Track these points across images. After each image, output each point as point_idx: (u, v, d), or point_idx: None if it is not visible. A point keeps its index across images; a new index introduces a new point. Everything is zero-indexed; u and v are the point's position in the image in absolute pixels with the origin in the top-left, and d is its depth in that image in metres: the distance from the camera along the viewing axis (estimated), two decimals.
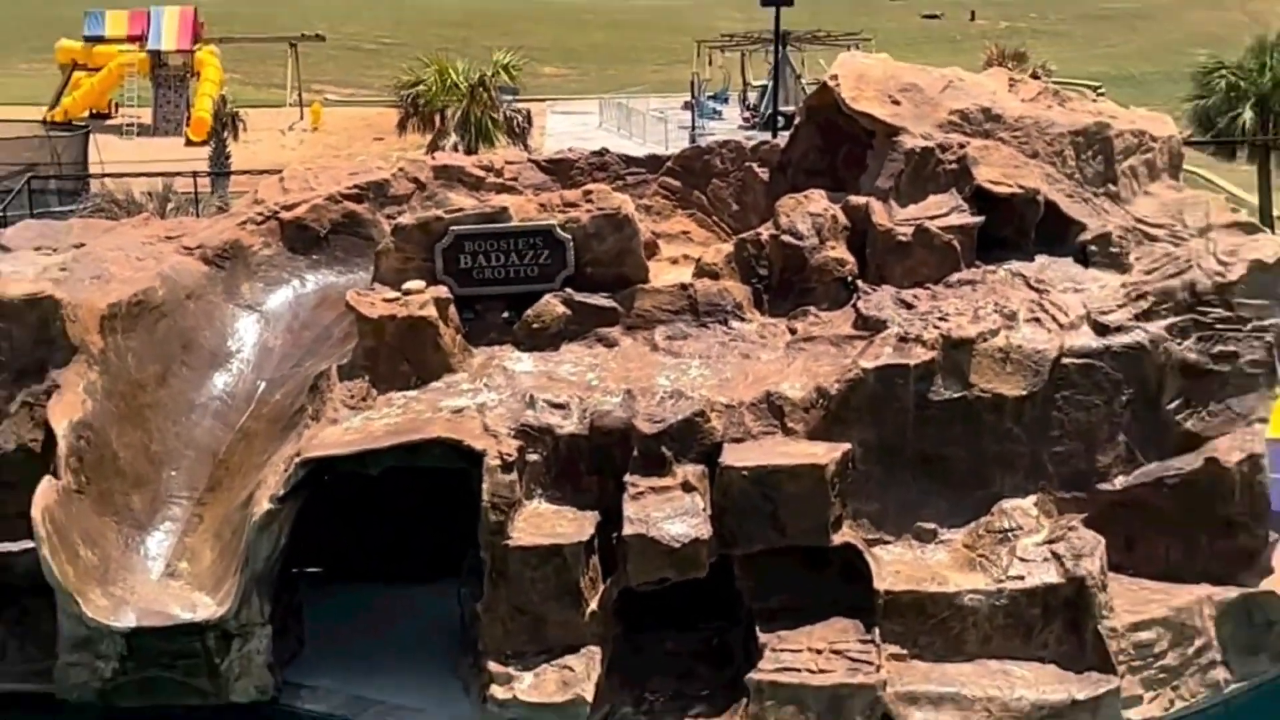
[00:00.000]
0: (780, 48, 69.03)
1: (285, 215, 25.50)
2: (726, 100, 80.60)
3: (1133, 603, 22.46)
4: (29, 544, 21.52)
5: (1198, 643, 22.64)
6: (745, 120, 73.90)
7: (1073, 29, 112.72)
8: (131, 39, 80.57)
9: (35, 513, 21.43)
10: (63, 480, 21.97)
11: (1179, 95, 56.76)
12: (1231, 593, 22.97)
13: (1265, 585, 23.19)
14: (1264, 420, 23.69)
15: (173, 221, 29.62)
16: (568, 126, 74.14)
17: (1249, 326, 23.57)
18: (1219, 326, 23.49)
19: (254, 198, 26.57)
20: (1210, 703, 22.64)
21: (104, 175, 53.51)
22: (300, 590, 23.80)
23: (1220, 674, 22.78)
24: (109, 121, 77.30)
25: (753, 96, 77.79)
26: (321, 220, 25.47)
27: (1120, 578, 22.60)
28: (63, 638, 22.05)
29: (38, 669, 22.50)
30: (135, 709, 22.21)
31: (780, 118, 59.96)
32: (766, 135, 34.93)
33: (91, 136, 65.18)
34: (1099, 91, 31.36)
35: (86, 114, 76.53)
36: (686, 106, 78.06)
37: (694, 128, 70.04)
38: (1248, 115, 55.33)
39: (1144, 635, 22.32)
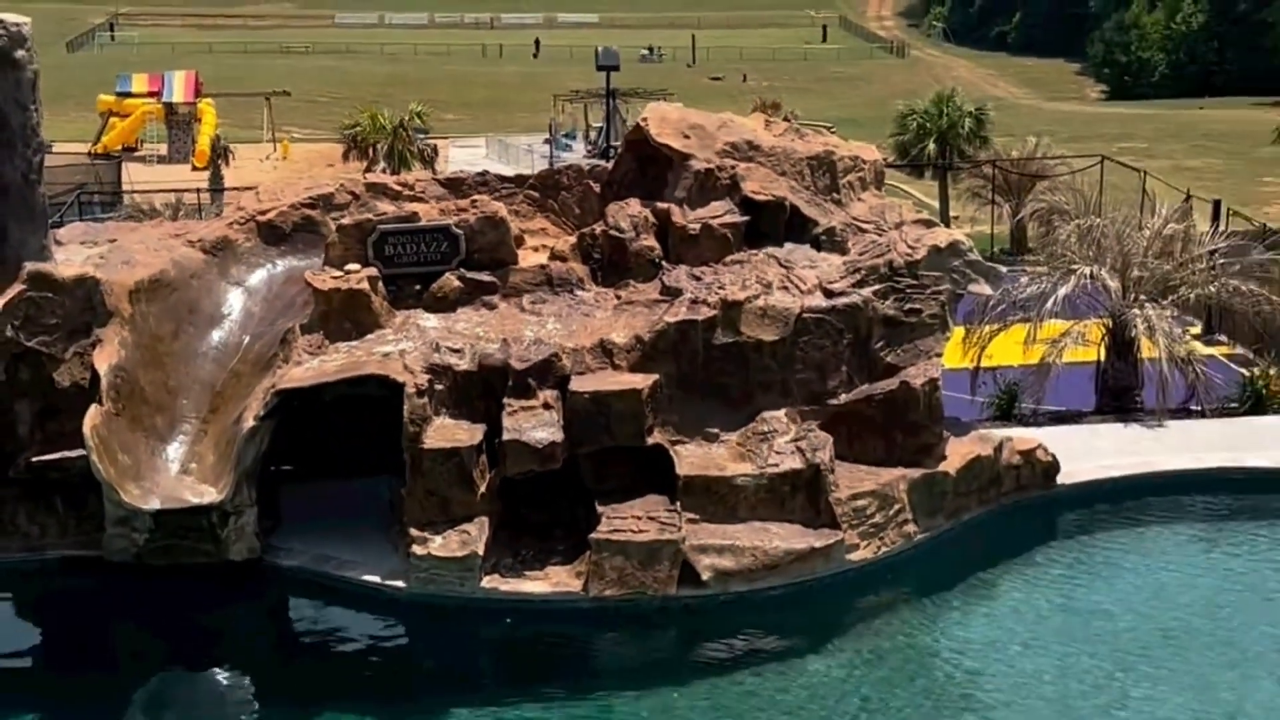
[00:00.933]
0: (611, 100, 69.03)
1: (261, 218, 25.20)
2: (575, 137, 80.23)
3: (851, 481, 22.75)
4: (83, 451, 21.34)
5: (896, 507, 22.95)
6: (588, 151, 73.57)
7: (814, 86, 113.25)
8: (151, 94, 79.75)
9: (86, 429, 21.30)
10: (105, 407, 21.77)
11: (886, 132, 57.15)
12: (918, 473, 23.31)
13: (940, 468, 23.57)
14: (940, 355, 24.05)
15: (181, 223, 29.27)
16: (463, 156, 73.68)
17: (929, 291, 23.90)
18: (909, 291, 23.79)
19: (238, 206, 26.32)
20: (904, 548, 22.95)
21: (132, 191, 53.08)
22: (278, 482, 23.68)
23: (911, 528, 23.11)
24: (136, 153, 76.33)
25: (593, 134, 77.58)
26: (286, 222, 25.18)
27: (843, 464, 22.87)
28: (108, 517, 21.91)
29: (90, 540, 22.35)
30: (160, 566, 22.04)
31: (611, 149, 59.95)
32: (602, 161, 34.95)
33: (123, 164, 64.66)
34: (831, 129, 31.68)
35: (120, 148, 75.61)
36: (546, 142, 77.77)
37: (552, 157, 69.76)
38: (931, 146, 56.14)
39: (860, 503, 22.59)
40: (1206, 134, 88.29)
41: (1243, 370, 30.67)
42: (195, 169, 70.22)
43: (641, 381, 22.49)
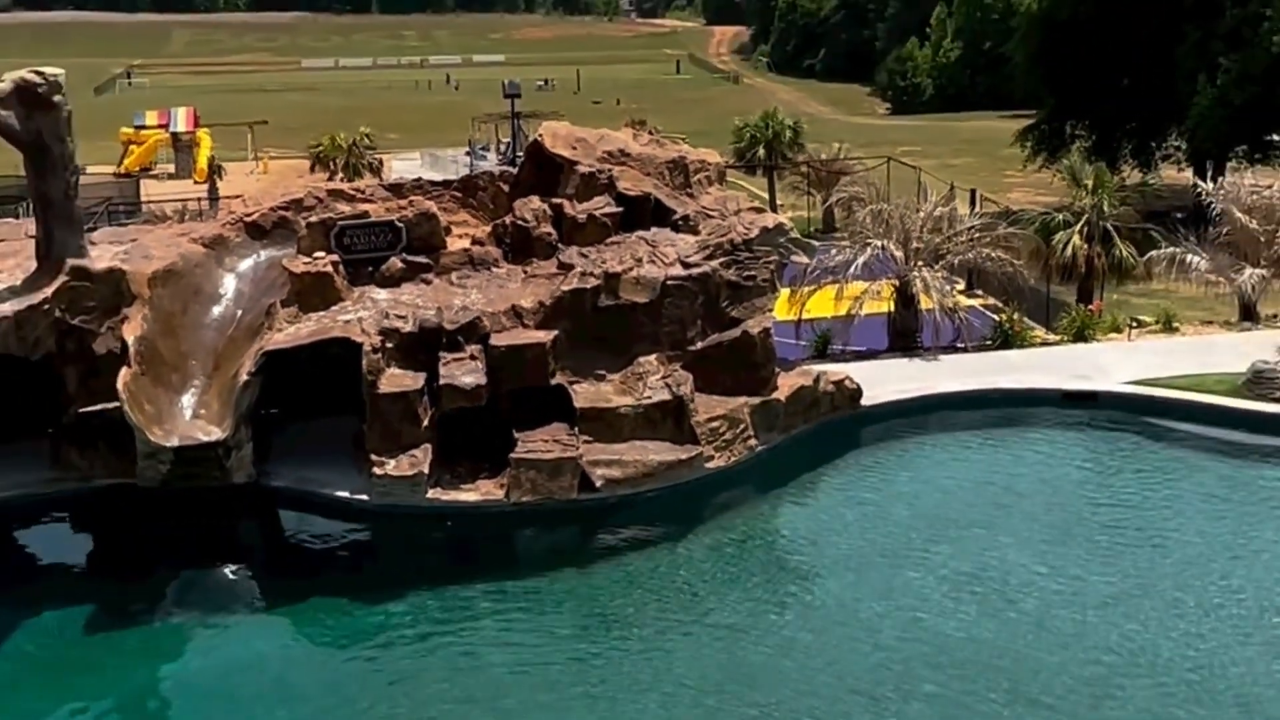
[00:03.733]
0: (515, 120, 68.64)
1: (247, 219, 24.72)
2: (489, 149, 79.53)
3: (707, 407, 22.70)
4: (118, 403, 20.88)
5: (741, 426, 22.93)
6: (499, 160, 72.91)
7: (670, 107, 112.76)
8: (160, 126, 78.04)
9: (119, 386, 20.87)
10: (133, 368, 21.33)
11: (726, 141, 57.01)
12: (757, 400, 23.28)
13: (774, 396, 23.55)
14: (771, 310, 24.05)
15: (186, 225, 28.81)
16: (402, 166, 72.27)
17: (761, 261, 23.83)
18: (746, 261, 23.70)
19: (230, 210, 25.90)
20: (748, 458, 22.93)
21: (149, 202, 52.24)
22: (268, 422, 23.15)
23: (753, 442, 23.07)
24: (150, 173, 74.77)
25: (503, 147, 76.94)
26: (267, 221, 24.69)
27: (701, 395, 22.77)
28: (139, 453, 21.32)
29: (126, 471, 21.66)
30: (181, 488, 21.45)
31: (516, 158, 59.55)
32: (510, 168, 34.79)
33: (141, 181, 63.86)
34: (684, 140, 31.64)
35: (138, 169, 74.05)
36: (467, 154, 77.13)
37: (471, 165, 69.15)
38: (761, 151, 56.35)
39: (714, 424, 22.57)
40: (965, 139, 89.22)
41: (995, 316, 31.09)
42: (196, 183, 68.75)
43: (545, 336, 22.34)
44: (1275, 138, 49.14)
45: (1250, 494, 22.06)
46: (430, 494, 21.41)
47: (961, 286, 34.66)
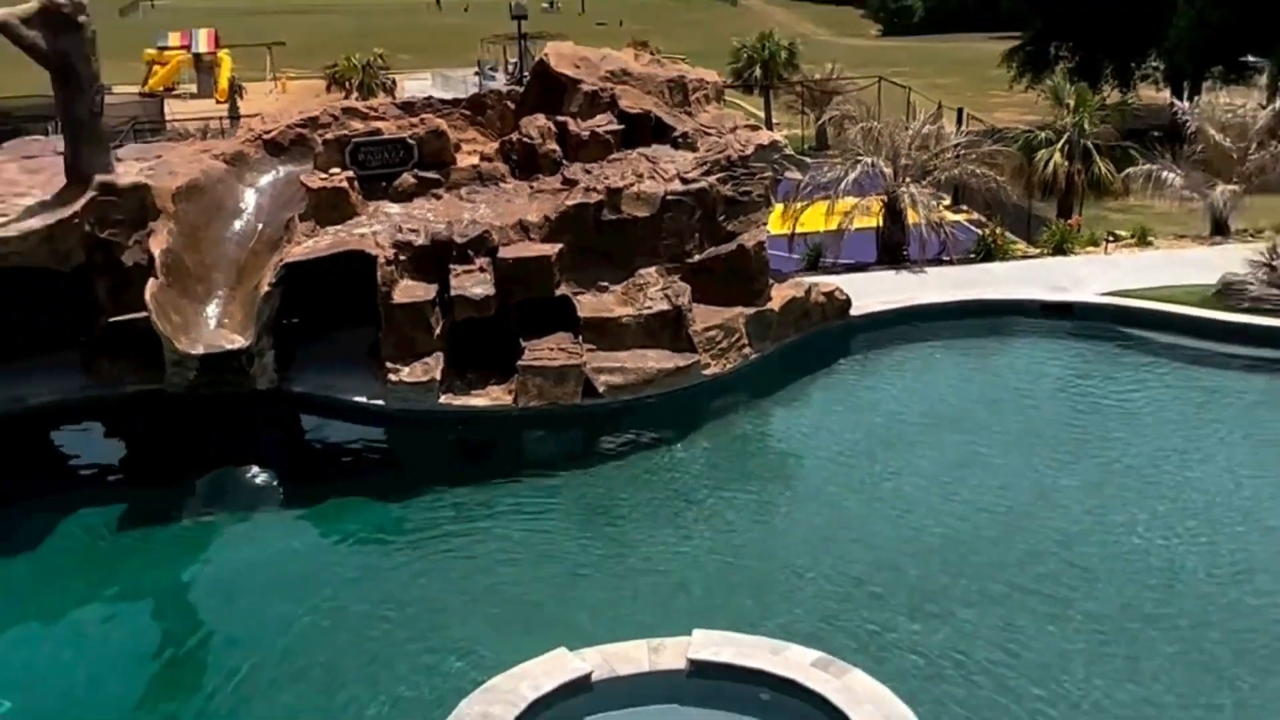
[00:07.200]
0: (522, 41, 67.89)
1: (266, 136, 24.52)
2: (497, 69, 78.74)
3: (704, 317, 22.67)
4: (145, 314, 20.73)
5: (736, 336, 22.94)
6: (507, 80, 72.19)
7: (672, 29, 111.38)
8: (182, 46, 77.07)
9: (147, 297, 20.69)
10: (160, 280, 21.17)
11: (724, 62, 56.35)
12: (752, 310, 23.24)
13: (768, 306, 23.50)
14: (765, 224, 24.02)
15: (208, 142, 28.53)
16: (414, 86, 71.45)
17: (756, 177, 23.69)
18: (742, 177, 23.56)
19: (249, 128, 25.69)
20: (743, 365, 22.94)
21: (172, 121, 51.87)
22: (288, 331, 23.08)
23: (748, 350, 23.08)
24: (173, 92, 73.98)
25: (510, 67, 76.15)
26: (285, 138, 24.49)
27: (699, 305, 22.72)
28: (166, 361, 21.24)
29: (154, 378, 21.55)
30: (207, 394, 21.41)
31: (523, 77, 59.01)
32: (517, 87, 34.37)
33: (164, 101, 63.20)
34: (684, 60, 31.26)
35: (161, 89, 73.28)
36: (476, 74, 76.30)
37: (480, 85, 68.48)
38: (757, 71, 55.80)
39: (711, 333, 22.56)
40: (953, 60, 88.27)
41: (978, 230, 31.02)
42: (218, 103, 68.02)
43: (550, 249, 22.23)
44: (1249, 58, 48.55)
45: (1214, 398, 22.15)
46: (442, 399, 21.43)
47: (947, 202, 34.52)
